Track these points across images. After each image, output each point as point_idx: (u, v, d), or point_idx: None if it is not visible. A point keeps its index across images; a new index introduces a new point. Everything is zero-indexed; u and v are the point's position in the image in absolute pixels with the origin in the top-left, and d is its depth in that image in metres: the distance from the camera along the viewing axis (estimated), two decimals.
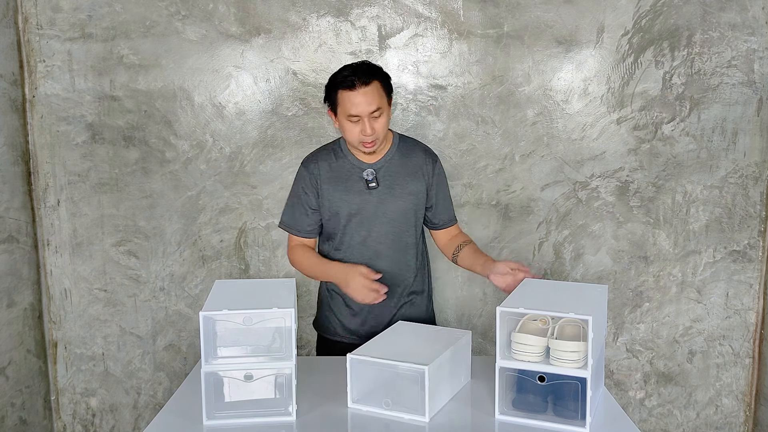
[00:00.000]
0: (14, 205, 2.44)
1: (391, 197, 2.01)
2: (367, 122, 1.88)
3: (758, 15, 2.50)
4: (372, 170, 2.00)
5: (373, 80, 1.88)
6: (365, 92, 1.86)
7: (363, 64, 1.93)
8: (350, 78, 1.87)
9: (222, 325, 1.58)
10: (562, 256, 2.65)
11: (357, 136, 1.91)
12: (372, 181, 2.00)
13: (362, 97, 1.86)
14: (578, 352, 1.51)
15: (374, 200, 2.00)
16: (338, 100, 1.90)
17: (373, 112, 1.88)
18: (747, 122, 2.56)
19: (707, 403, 2.74)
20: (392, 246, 2.04)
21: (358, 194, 2.00)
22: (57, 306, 2.62)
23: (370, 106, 1.87)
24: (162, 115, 2.52)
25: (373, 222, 2.01)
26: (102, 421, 2.70)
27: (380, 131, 1.92)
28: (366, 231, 2.01)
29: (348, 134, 1.93)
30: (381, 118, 1.91)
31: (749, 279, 2.66)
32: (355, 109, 1.87)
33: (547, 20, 2.49)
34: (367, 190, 2.00)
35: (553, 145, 2.57)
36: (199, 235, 2.59)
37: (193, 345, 2.65)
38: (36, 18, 2.45)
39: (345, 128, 1.93)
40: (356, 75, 1.87)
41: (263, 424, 1.56)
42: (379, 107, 1.89)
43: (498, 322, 1.56)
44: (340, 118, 1.93)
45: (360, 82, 1.86)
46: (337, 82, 1.90)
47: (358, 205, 2.00)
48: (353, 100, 1.87)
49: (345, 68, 1.92)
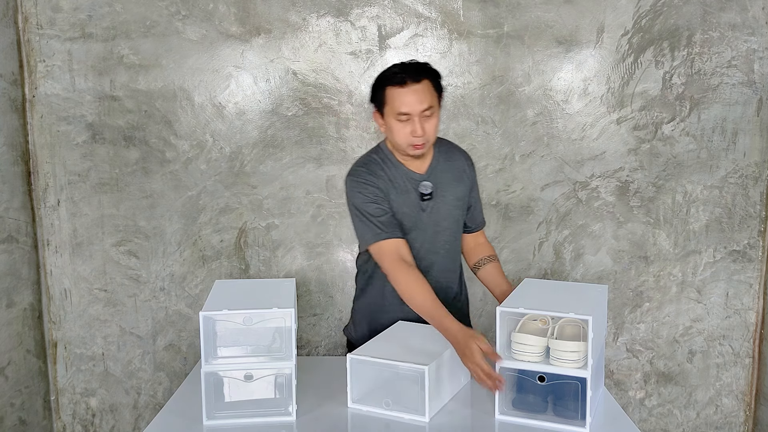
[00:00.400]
0: (14, 205, 2.44)
1: (444, 205, 1.91)
2: (418, 122, 1.76)
3: (758, 15, 2.50)
4: (429, 183, 1.88)
5: (423, 78, 1.78)
6: (416, 89, 1.76)
7: (413, 62, 1.83)
8: (400, 75, 1.77)
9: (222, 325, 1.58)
10: (562, 256, 2.65)
11: (406, 138, 1.78)
12: (428, 195, 1.88)
13: (413, 95, 1.75)
14: (578, 352, 1.51)
15: (428, 211, 1.89)
16: (386, 97, 1.79)
17: (424, 110, 1.76)
18: (747, 122, 2.56)
19: (707, 403, 2.74)
20: (445, 255, 1.95)
21: (414, 206, 1.88)
22: (57, 306, 2.62)
23: (422, 104, 1.76)
24: (162, 115, 2.52)
25: (428, 232, 1.90)
26: (102, 421, 2.70)
27: (431, 133, 1.80)
28: (420, 243, 1.89)
29: (396, 135, 1.80)
30: (432, 118, 1.79)
31: (749, 279, 2.66)
32: (406, 107, 1.75)
33: (547, 20, 2.49)
34: (422, 202, 1.88)
35: (553, 145, 2.57)
36: (199, 235, 2.59)
37: (193, 345, 2.65)
38: (36, 18, 2.45)
39: (393, 128, 1.80)
40: (406, 72, 1.77)
41: (263, 424, 1.56)
42: (430, 106, 1.77)
43: (498, 322, 1.56)
44: (388, 118, 1.80)
45: (411, 79, 1.76)
46: (386, 79, 1.79)
47: (415, 217, 1.88)
48: (403, 98, 1.75)
49: (394, 66, 1.82)
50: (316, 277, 2.63)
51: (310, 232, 2.60)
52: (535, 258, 2.64)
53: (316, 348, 2.69)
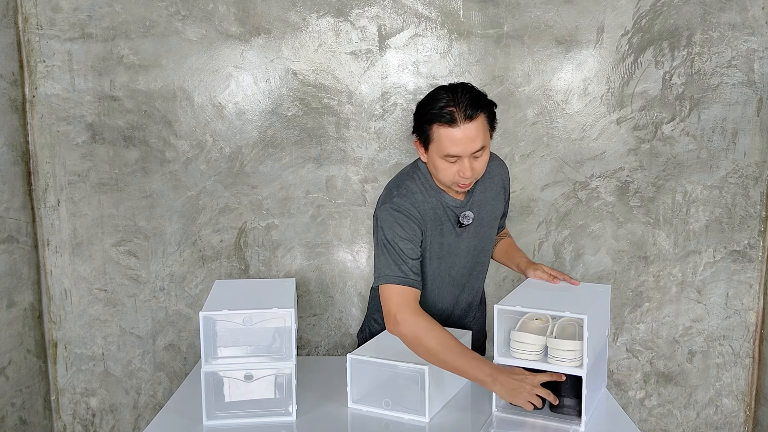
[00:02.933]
0: (14, 205, 2.44)
1: (481, 228, 1.79)
2: (468, 163, 1.57)
3: (758, 15, 2.50)
4: (471, 213, 1.74)
5: (478, 113, 1.55)
6: (468, 128, 1.53)
7: (466, 90, 1.57)
8: (450, 112, 1.53)
9: (222, 325, 1.58)
10: (562, 256, 2.65)
11: (452, 177, 1.61)
12: (468, 224, 1.74)
13: (464, 135, 1.53)
14: (575, 351, 1.51)
15: (465, 237, 1.76)
16: (432, 135, 1.57)
17: (476, 152, 1.56)
18: (747, 122, 2.56)
19: (707, 403, 2.74)
20: (477, 275, 1.87)
21: (450, 234, 1.74)
22: (57, 306, 2.62)
23: (473, 144, 1.55)
24: (162, 115, 2.52)
25: (462, 257, 1.79)
26: (102, 421, 2.70)
27: (479, 171, 1.62)
28: (456, 270, 1.80)
29: (441, 174, 1.61)
30: (483, 156, 1.59)
31: (749, 279, 2.66)
32: (455, 148, 1.55)
33: (547, 20, 2.49)
34: (459, 228, 1.75)
35: (553, 145, 2.57)
36: (199, 235, 2.59)
37: (193, 345, 2.65)
38: (36, 18, 2.45)
39: (438, 167, 1.60)
40: (458, 106, 1.53)
41: (263, 424, 1.56)
42: (483, 146, 1.57)
43: (495, 319, 1.57)
44: (433, 155, 1.60)
45: (463, 117, 1.53)
46: (434, 115, 1.55)
47: (451, 244, 1.75)
48: (453, 138, 1.54)
49: (441, 95, 1.56)
50: (316, 277, 2.63)
51: (309, 232, 2.60)
52: (535, 258, 2.64)
53: (316, 348, 2.70)
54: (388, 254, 1.64)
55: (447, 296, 1.84)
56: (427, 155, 1.64)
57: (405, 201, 1.67)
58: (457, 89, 1.57)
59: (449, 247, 1.75)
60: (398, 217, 1.65)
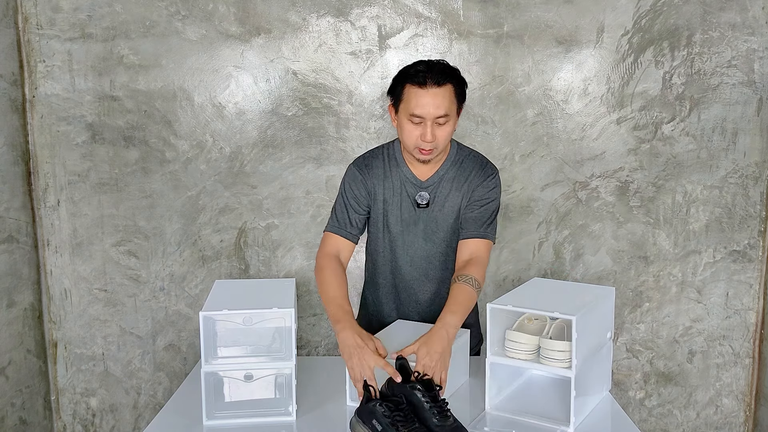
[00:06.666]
0: (14, 205, 2.44)
1: (440, 213, 1.84)
2: (430, 127, 1.67)
3: (758, 15, 2.50)
4: (426, 194, 1.83)
5: (447, 82, 1.67)
6: (435, 93, 1.65)
7: (440, 62, 1.72)
8: (423, 73, 1.66)
9: (222, 325, 1.58)
10: (562, 256, 2.64)
11: (415, 140, 1.71)
12: (424, 204, 1.83)
13: (431, 98, 1.65)
14: (566, 351, 1.50)
15: (423, 218, 1.85)
16: (403, 94, 1.70)
17: (439, 117, 1.67)
18: (747, 122, 2.56)
19: (707, 403, 2.74)
20: (441, 264, 1.90)
21: (408, 211, 1.85)
22: (57, 306, 2.62)
23: (437, 110, 1.66)
24: (162, 115, 2.52)
25: (420, 239, 1.87)
26: (102, 421, 2.70)
27: (442, 141, 1.71)
28: (413, 249, 1.88)
29: (405, 135, 1.72)
30: (446, 126, 1.70)
31: (749, 279, 2.66)
32: (420, 109, 1.66)
33: (547, 20, 2.49)
34: (417, 209, 1.84)
35: (553, 145, 2.57)
36: (199, 235, 2.59)
37: (193, 345, 2.65)
38: (36, 18, 2.45)
39: (403, 128, 1.72)
40: (430, 71, 1.66)
41: (263, 424, 1.56)
42: (446, 114, 1.68)
43: (489, 318, 1.57)
44: (401, 115, 1.72)
45: (432, 81, 1.65)
46: (407, 75, 1.69)
47: (408, 222, 1.86)
48: (420, 99, 1.66)
49: (419, 62, 1.71)
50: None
51: (310, 232, 2.60)
52: (535, 258, 2.64)
53: (316, 348, 2.70)
54: (335, 205, 1.89)
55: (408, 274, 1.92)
56: (396, 118, 1.76)
57: (361, 162, 1.88)
58: (432, 60, 1.72)
59: (405, 224, 1.86)
60: (353, 174, 1.87)
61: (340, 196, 1.89)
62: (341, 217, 1.87)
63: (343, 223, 1.86)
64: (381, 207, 1.87)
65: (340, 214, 1.87)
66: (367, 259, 2.02)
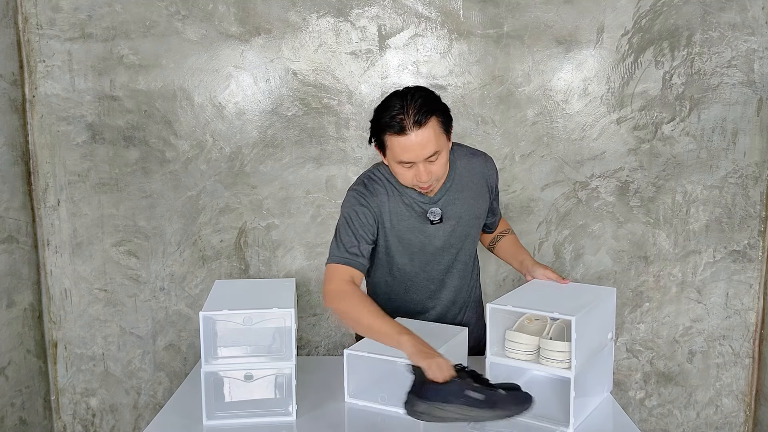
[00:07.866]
0: (14, 205, 2.44)
1: (459, 227, 1.78)
2: (423, 167, 1.59)
3: (758, 15, 2.50)
4: (438, 210, 1.74)
5: (428, 118, 1.55)
6: (419, 135, 1.54)
7: (416, 95, 1.57)
8: (399, 119, 1.54)
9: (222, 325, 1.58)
10: (562, 256, 2.64)
11: (411, 181, 1.64)
12: (437, 220, 1.74)
13: (416, 142, 1.54)
14: (566, 352, 1.50)
15: (441, 234, 1.77)
16: (386, 144, 1.60)
17: (429, 156, 1.58)
18: (747, 122, 2.56)
19: (707, 403, 2.74)
20: (459, 274, 1.86)
21: (420, 230, 1.75)
22: (57, 306, 2.62)
23: (425, 150, 1.56)
24: (162, 115, 2.52)
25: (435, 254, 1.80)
26: (102, 421, 2.70)
27: (438, 173, 1.63)
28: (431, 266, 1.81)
29: (400, 178, 1.65)
30: (439, 159, 1.61)
31: (749, 279, 2.66)
32: (407, 155, 1.57)
33: (547, 20, 2.49)
34: (431, 226, 1.75)
35: (553, 145, 2.57)
36: (199, 235, 2.59)
37: (193, 345, 2.65)
38: (36, 18, 2.45)
39: (396, 173, 1.64)
40: (406, 114, 1.53)
41: (263, 424, 1.56)
42: (436, 151, 1.57)
43: (489, 318, 1.57)
44: (390, 161, 1.64)
45: (412, 123, 1.53)
46: (385, 125, 1.57)
47: (423, 241, 1.77)
48: (404, 146, 1.55)
49: (393, 102, 1.57)
50: (316, 277, 2.63)
51: (310, 232, 2.60)
52: (535, 258, 2.63)
53: (316, 348, 2.70)
54: (338, 236, 1.71)
55: (423, 291, 1.86)
56: (385, 160, 1.68)
57: (362, 188, 1.74)
58: (407, 95, 1.58)
59: (421, 244, 1.77)
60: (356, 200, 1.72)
61: (345, 225, 1.71)
62: (350, 247, 1.68)
63: (352, 254, 1.68)
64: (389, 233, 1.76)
65: (349, 243, 1.68)
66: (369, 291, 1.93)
